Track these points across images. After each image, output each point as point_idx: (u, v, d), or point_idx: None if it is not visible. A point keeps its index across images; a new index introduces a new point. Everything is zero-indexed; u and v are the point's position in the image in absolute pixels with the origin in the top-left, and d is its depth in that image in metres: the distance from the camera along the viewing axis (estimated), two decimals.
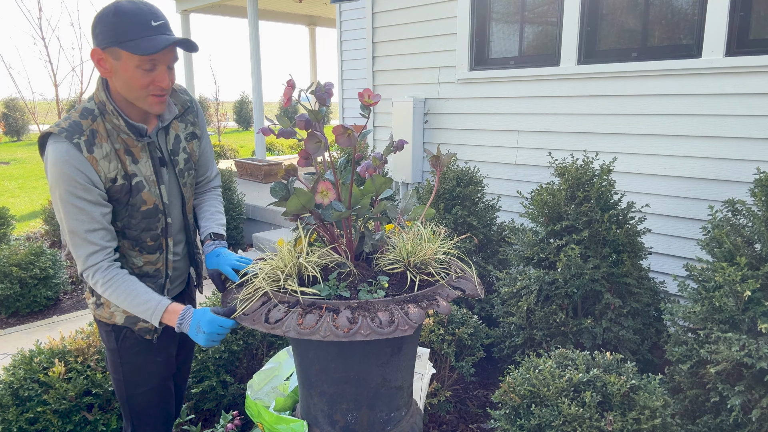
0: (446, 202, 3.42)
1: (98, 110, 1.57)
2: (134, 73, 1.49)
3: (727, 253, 2.23)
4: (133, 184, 1.61)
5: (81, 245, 1.56)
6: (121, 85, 1.52)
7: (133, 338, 1.77)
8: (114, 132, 1.58)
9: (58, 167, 1.49)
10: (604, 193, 2.71)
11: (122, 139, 1.59)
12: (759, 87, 2.93)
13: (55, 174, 1.50)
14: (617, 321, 2.66)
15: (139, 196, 1.63)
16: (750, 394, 2.04)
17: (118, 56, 1.48)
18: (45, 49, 5.18)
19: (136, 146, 1.62)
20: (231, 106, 22.52)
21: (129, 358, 1.78)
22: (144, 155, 1.64)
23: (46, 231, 6.29)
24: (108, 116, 1.56)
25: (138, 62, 1.47)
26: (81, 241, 1.56)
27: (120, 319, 1.74)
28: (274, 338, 2.76)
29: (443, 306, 1.45)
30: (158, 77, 1.52)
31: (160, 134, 1.71)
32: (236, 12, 10.86)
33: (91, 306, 1.77)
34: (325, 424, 1.62)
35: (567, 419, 1.86)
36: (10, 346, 3.65)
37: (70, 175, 1.49)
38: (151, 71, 1.50)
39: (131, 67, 1.48)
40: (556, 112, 3.78)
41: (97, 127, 1.55)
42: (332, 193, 1.54)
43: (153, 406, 1.86)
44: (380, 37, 4.85)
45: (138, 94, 1.53)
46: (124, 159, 1.59)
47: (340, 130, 1.46)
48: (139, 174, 1.62)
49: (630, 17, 3.44)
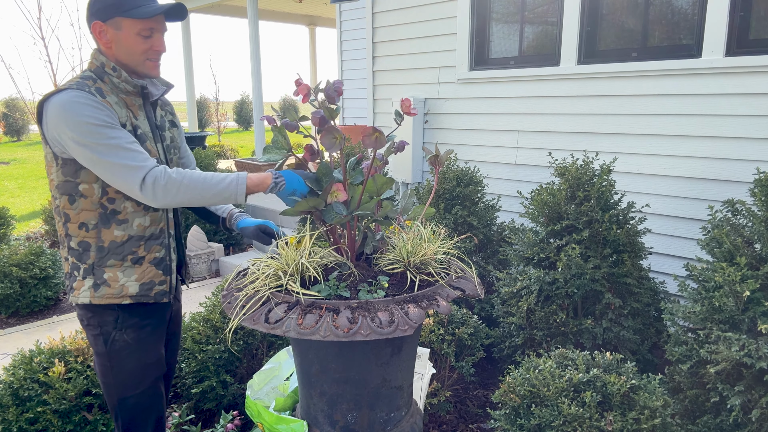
0: (446, 202, 3.42)
1: (95, 75, 1.68)
2: (135, 40, 1.65)
3: (727, 253, 2.23)
4: (138, 134, 1.70)
5: (132, 156, 1.57)
6: (122, 53, 1.67)
7: (123, 341, 1.75)
8: (115, 90, 1.69)
9: (78, 103, 1.54)
10: (605, 193, 2.71)
11: (122, 97, 1.70)
12: (759, 87, 2.93)
13: (75, 110, 1.54)
14: (617, 321, 2.66)
15: (144, 146, 1.71)
16: (750, 394, 2.04)
17: (119, 26, 1.63)
18: (45, 49, 5.19)
19: (134, 104, 1.73)
20: (231, 106, 22.51)
21: (119, 362, 1.76)
22: (141, 113, 1.75)
23: (46, 231, 6.29)
24: (107, 77, 1.68)
25: (139, 29, 1.64)
26: (130, 153, 1.57)
27: (134, 289, 1.72)
28: (274, 338, 2.76)
29: (443, 306, 1.45)
30: (155, 42, 1.69)
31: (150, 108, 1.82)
32: (236, 12, 10.85)
33: (87, 292, 1.70)
34: (325, 424, 1.62)
35: (567, 419, 1.86)
36: (10, 346, 3.65)
37: (92, 105, 1.56)
38: (148, 38, 1.67)
39: (132, 34, 1.64)
40: (556, 112, 3.78)
41: (101, 86, 1.66)
42: (343, 194, 1.55)
43: (145, 408, 1.84)
44: (380, 37, 4.85)
45: (138, 59, 1.68)
46: (128, 111, 1.70)
47: (370, 131, 1.46)
48: (141, 128, 1.72)
49: (630, 17, 3.44)
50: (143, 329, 1.78)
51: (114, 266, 1.71)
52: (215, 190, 1.62)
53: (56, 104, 1.55)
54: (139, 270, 1.73)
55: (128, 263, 1.72)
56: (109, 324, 1.74)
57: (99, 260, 1.70)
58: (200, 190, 1.61)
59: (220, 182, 1.63)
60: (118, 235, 1.69)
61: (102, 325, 1.75)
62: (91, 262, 1.70)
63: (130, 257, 1.72)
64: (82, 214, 1.67)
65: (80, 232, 1.68)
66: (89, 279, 1.71)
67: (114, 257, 1.70)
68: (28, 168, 12.27)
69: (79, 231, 1.69)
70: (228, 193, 1.63)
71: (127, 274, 1.72)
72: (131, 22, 1.63)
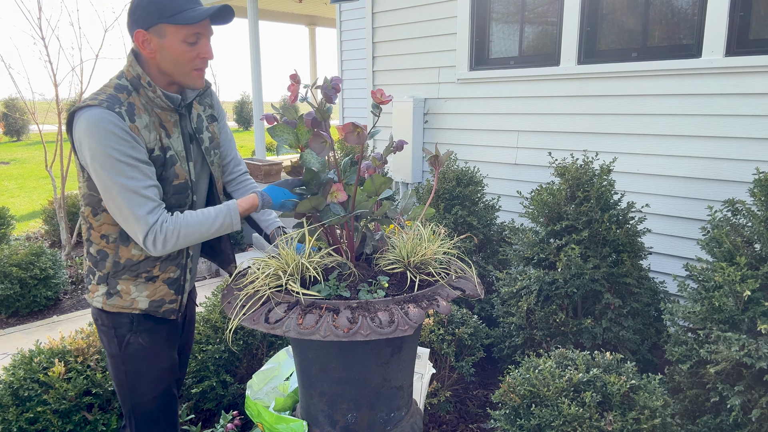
0: (446, 202, 3.42)
1: (132, 86, 1.59)
2: (180, 48, 1.54)
3: (727, 253, 2.23)
4: (167, 157, 1.63)
5: (140, 203, 1.52)
6: (167, 62, 1.56)
7: (137, 344, 1.72)
8: (148, 106, 1.60)
9: (101, 126, 1.47)
10: (604, 193, 2.71)
11: (156, 113, 1.62)
12: (759, 87, 2.93)
13: (99, 136, 1.47)
14: (617, 321, 2.66)
15: (172, 170, 1.64)
16: (750, 394, 2.04)
17: (163, 33, 1.53)
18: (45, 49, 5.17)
19: (169, 121, 1.65)
20: (231, 106, 22.51)
21: (133, 366, 1.73)
22: (176, 130, 1.67)
23: (46, 231, 6.29)
24: (143, 90, 1.59)
25: (184, 35, 1.53)
26: (139, 199, 1.52)
27: (143, 305, 1.69)
28: (274, 338, 2.76)
29: (443, 306, 1.45)
30: (202, 49, 1.58)
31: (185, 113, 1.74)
32: (236, 12, 10.84)
33: (100, 298, 1.69)
34: (325, 424, 1.62)
35: (567, 419, 1.86)
36: (10, 346, 3.65)
37: (115, 133, 1.48)
38: (195, 44, 1.56)
39: (177, 41, 1.54)
40: (556, 112, 3.78)
41: (134, 100, 1.58)
42: (343, 194, 1.54)
43: (159, 412, 1.81)
44: (380, 37, 4.85)
45: (184, 69, 1.58)
46: (159, 131, 1.62)
47: (350, 127, 1.46)
48: (172, 148, 1.64)
49: (630, 17, 3.43)
50: (158, 333, 1.75)
51: (128, 280, 1.68)
52: (212, 229, 1.62)
53: (84, 122, 1.48)
54: (152, 287, 1.70)
55: (142, 280, 1.69)
56: (124, 326, 1.71)
57: (114, 273, 1.68)
58: (198, 234, 1.60)
59: (215, 220, 1.62)
60: (135, 254, 1.66)
61: (117, 327, 1.72)
62: (106, 272, 1.68)
63: (145, 275, 1.69)
64: (104, 227, 1.65)
65: (101, 241, 1.66)
66: (103, 286, 1.69)
67: (129, 273, 1.68)
68: (28, 168, 12.27)
69: (100, 240, 1.66)
70: (224, 227, 1.64)
71: (140, 289, 1.69)
72: (176, 28, 1.52)
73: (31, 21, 5.11)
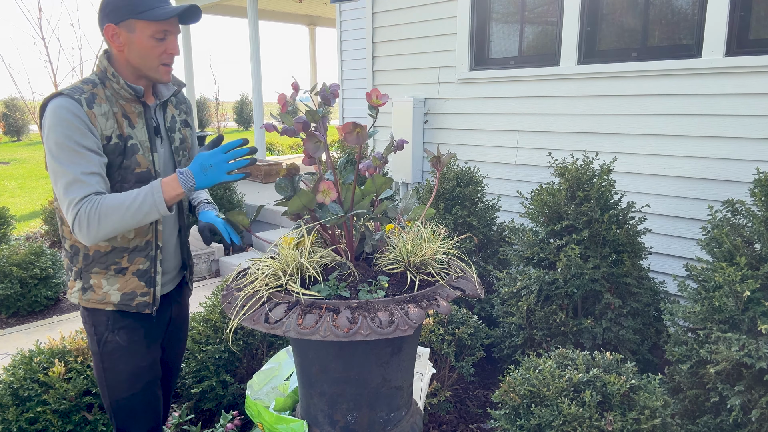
0: (446, 202, 3.42)
1: (98, 78, 1.66)
2: (148, 43, 1.61)
3: (727, 253, 2.23)
4: (128, 145, 1.66)
5: (75, 189, 1.52)
6: (135, 56, 1.63)
7: (115, 342, 1.74)
8: (113, 98, 1.66)
9: (57, 114, 1.53)
10: (605, 193, 2.71)
11: (120, 104, 1.67)
12: (759, 87, 2.93)
13: (53, 120, 1.53)
14: (617, 321, 2.66)
15: (133, 158, 1.67)
16: (750, 394, 2.04)
17: (132, 28, 1.59)
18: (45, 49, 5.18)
19: (133, 112, 1.69)
20: (231, 106, 22.52)
21: (111, 364, 1.76)
22: (140, 121, 1.71)
23: (46, 231, 6.29)
24: (108, 82, 1.65)
25: (152, 31, 1.60)
26: (76, 184, 1.52)
27: (115, 298, 1.71)
28: (274, 338, 2.76)
29: (443, 306, 1.45)
30: (170, 46, 1.65)
31: (158, 110, 1.79)
32: (236, 12, 10.85)
33: (77, 294, 1.73)
34: (325, 424, 1.62)
35: (567, 419, 1.86)
36: (10, 346, 3.65)
37: (69, 120, 1.53)
38: (162, 40, 1.63)
39: (146, 36, 1.60)
40: (556, 112, 3.78)
41: (97, 92, 1.63)
42: (334, 193, 1.54)
43: (137, 411, 1.83)
44: (380, 37, 4.85)
45: (151, 64, 1.64)
46: (121, 121, 1.66)
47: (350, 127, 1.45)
48: (134, 138, 1.68)
49: (630, 17, 3.44)
50: (136, 331, 1.77)
51: (99, 273, 1.71)
52: (133, 208, 1.53)
53: (47, 110, 1.55)
54: (122, 280, 1.72)
55: (111, 272, 1.71)
56: (102, 324, 1.75)
57: (86, 266, 1.71)
58: (120, 215, 1.53)
59: (135, 197, 1.54)
60: (102, 245, 1.68)
61: (96, 325, 1.75)
62: (79, 266, 1.71)
63: (114, 267, 1.71)
64: None
65: (72, 236, 1.70)
66: (78, 282, 1.73)
67: (99, 266, 1.71)
68: (28, 168, 12.27)
69: (71, 235, 1.70)
70: (146, 207, 1.54)
71: (111, 282, 1.72)
72: (145, 24, 1.59)
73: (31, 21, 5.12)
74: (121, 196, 1.56)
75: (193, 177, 1.57)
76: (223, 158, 1.55)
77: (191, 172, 1.57)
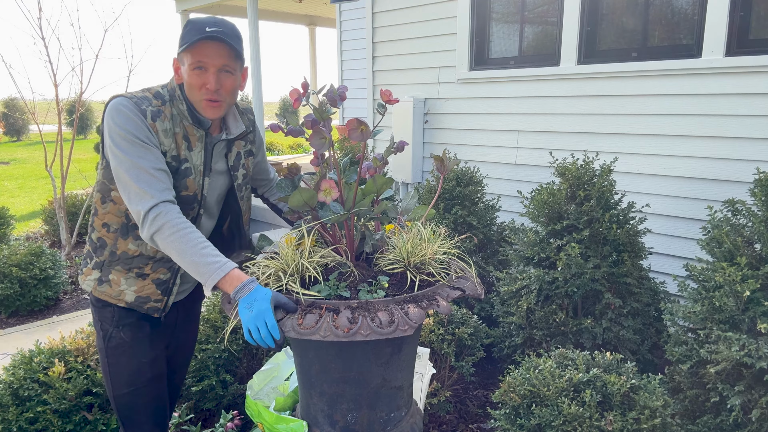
0: (446, 202, 3.42)
1: (168, 96, 1.67)
2: (191, 75, 1.62)
3: (727, 253, 2.23)
4: (181, 168, 1.68)
5: (150, 182, 1.55)
6: (186, 89, 1.66)
7: (119, 339, 1.77)
8: (177, 117, 1.67)
9: (123, 113, 1.56)
10: (605, 193, 2.71)
11: (184, 125, 1.68)
12: (759, 87, 2.93)
13: (118, 118, 1.56)
14: (617, 321, 2.66)
15: (183, 182, 1.68)
16: (750, 394, 2.04)
17: (183, 61, 1.64)
18: (45, 49, 5.17)
19: (195, 135, 1.70)
20: None
21: (114, 359, 1.79)
22: (199, 145, 1.72)
23: (46, 231, 6.29)
24: (176, 102, 1.67)
25: (190, 61, 1.61)
26: (149, 178, 1.55)
27: (130, 298, 1.74)
28: None
29: (443, 306, 1.45)
30: (207, 79, 1.62)
31: (224, 146, 1.79)
32: (236, 12, 10.84)
33: (92, 283, 1.75)
34: (325, 424, 1.62)
35: (567, 419, 1.86)
36: (10, 346, 3.65)
37: (136, 121, 1.57)
38: (201, 73, 1.61)
39: (189, 68, 1.62)
40: (556, 112, 3.78)
41: (164, 109, 1.65)
42: (335, 191, 1.54)
43: (140, 407, 1.85)
44: (380, 37, 4.85)
45: (195, 97, 1.65)
46: (180, 143, 1.67)
47: (354, 124, 1.46)
48: (189, 161, 1.69)
49: (630, 17, 3.43)
50: (141, 330, 1.79)
51: (120, 272, 1.74)
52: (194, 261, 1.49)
53: (109, 107, 1.59)
54: (141, 284, 1.75)
55: (132, 275, 1.74)
56: (107, 320, 1.78)
57: (110, 262, 1.74)
58: (181, 252, 1.51)
59: (201, 259, 1.49)
60: (131, 249, 1.71)
61: (102, 320, 1.79)
62: (102, 259, 1.74)
63: (136, 270, 1.74)
64: (108, 216, 1.71)
65: (102, 230, 1.73)
66: (97, 272, 1.76)
67: (122, 265, 1.73)
68: (28, 168, 12.27)
69: (101, 228, 1.73)
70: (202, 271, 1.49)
71: (129, 283, 1.74)
72: (185, 56, 1.61)
73: (31, 21, 5.11)
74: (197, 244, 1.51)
75: (243, 296, 1.43)
76: (259, 322, 1.38)
77: (247, 296, 1.42)
